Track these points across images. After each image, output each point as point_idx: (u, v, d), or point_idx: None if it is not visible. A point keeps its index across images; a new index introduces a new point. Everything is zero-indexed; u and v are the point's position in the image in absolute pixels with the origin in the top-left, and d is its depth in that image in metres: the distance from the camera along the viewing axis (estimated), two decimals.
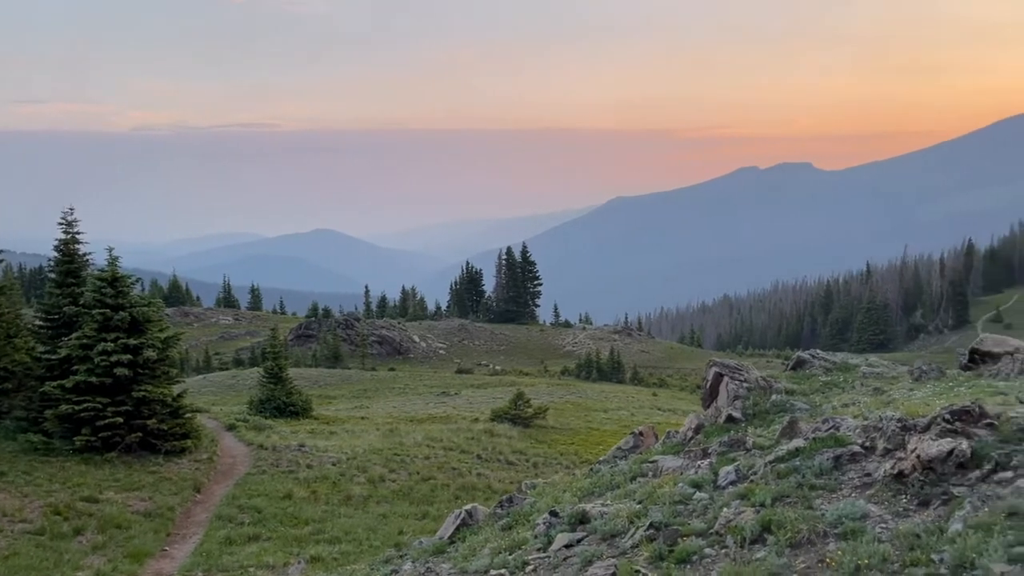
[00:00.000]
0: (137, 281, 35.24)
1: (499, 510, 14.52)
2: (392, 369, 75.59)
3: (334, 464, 28.34)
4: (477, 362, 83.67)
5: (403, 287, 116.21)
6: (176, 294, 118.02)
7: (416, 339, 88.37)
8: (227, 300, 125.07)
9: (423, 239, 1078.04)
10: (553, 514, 12.08)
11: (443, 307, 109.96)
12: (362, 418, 44.03)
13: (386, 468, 28.52)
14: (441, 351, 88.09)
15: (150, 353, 27.06)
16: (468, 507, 14.68)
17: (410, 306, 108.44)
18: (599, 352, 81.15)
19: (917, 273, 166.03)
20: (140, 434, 26.20)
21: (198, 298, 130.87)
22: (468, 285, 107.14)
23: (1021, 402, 11.68)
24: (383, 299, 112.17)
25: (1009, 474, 9.23)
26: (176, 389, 29.08)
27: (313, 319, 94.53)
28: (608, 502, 12.25)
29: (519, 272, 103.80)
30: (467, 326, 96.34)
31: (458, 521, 14.08)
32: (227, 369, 75.66)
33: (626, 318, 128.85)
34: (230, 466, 27.65)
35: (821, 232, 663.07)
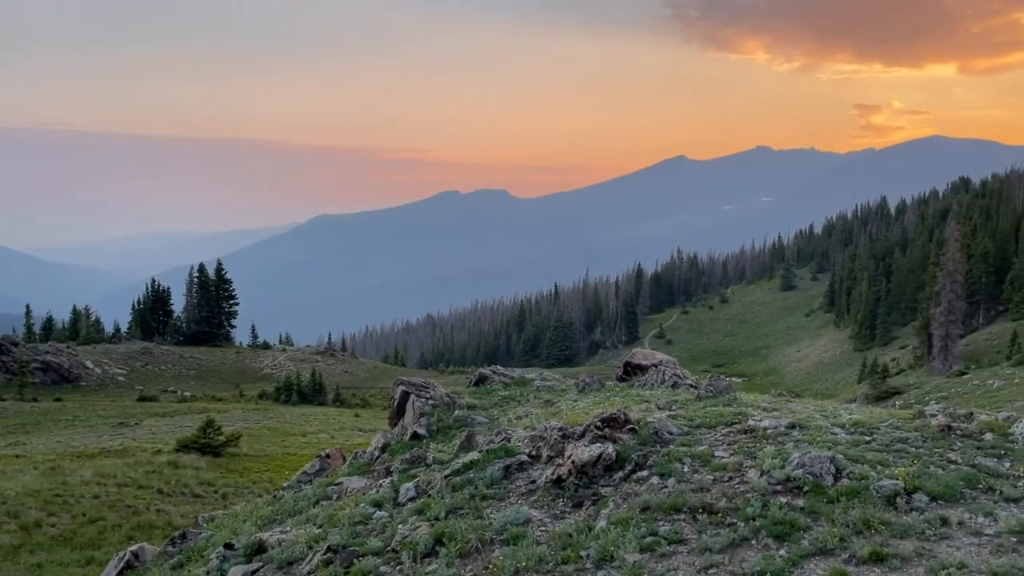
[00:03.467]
0: None
1: (171, 547, 13.48)
2: (59, 399, 67.08)
3: None
4: (163, 388, 77.14)
5: (75, 306, 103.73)
6: None
7: (90, 364, 79.37)
8: None
9: (102, 252, 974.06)
10: (228, 546, 11.49)
11: (123, 329, 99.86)
12: (17, 456, 38.48)
13: (44, 511, 25.17)
14: (120, 377, 79.98)
15: None
16: (134, 547, 13.46)
17: (83, 328, 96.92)
18: (300, 374, 78.94)
19: (597, 294, 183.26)
20: None
21: None
22: (154, 304, 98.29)
23: (660, 408, 13.35)
24: (49, 320, 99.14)
25: (645, 473, 10.50)
26: None
27: None
28: (288, 529, 11.92)
29: (213, 291, 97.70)
30: (152, 349, 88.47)
31: (121, 564, 12.86)
32: None
33: (329, 338, 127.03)
34: None
35: (516, 254, 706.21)
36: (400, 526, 10.43)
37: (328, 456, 15.94)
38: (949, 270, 79.01)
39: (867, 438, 10.82)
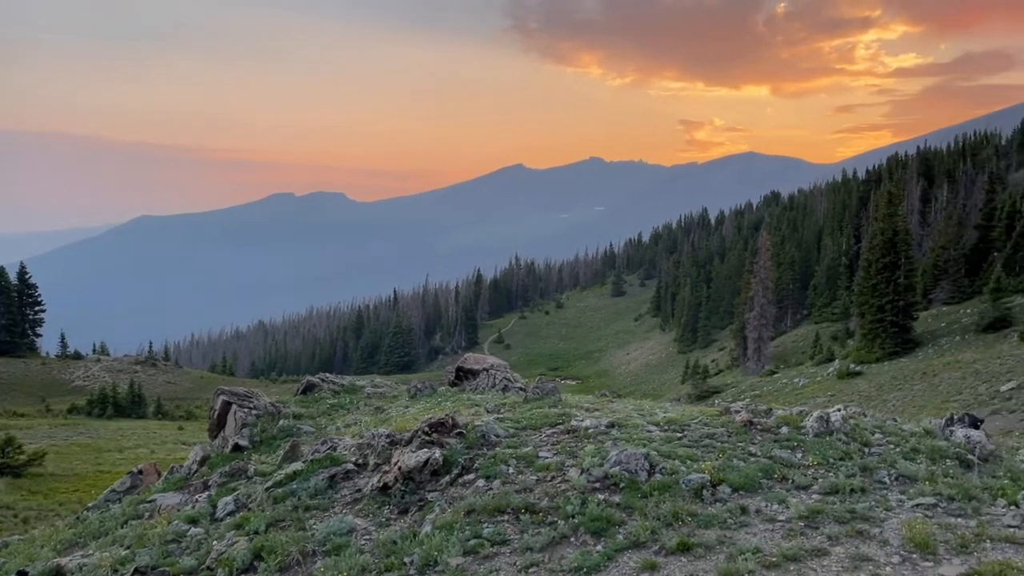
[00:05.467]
0: None
1: None
2: None
3: None
4: None
5: None
6: None
7: None
8: None
9: None
10: (21, 574, 10.50)
11: None
12: None
13: None
14: None
15: None
16: None
17: None
18: (117, 386, 73.69)
19: (437, 300, 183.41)
20: None
21: None
22: None
23: (488, 411, 13.52)
24: None
25: (472, 476, 10.59)
26: None
27: None
28: (92, 552, 11.06)
29: (16, 297, 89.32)
30: None
31: None
32: None
33: (150, 347, 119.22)
34: None
35: (354, 259, 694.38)
36: (216, 542, 9.94)
37: (141, 472, 14.93)
38: (761, 277, 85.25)
39: (679, 435, 11.46)
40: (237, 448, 13.85)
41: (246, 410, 14.71)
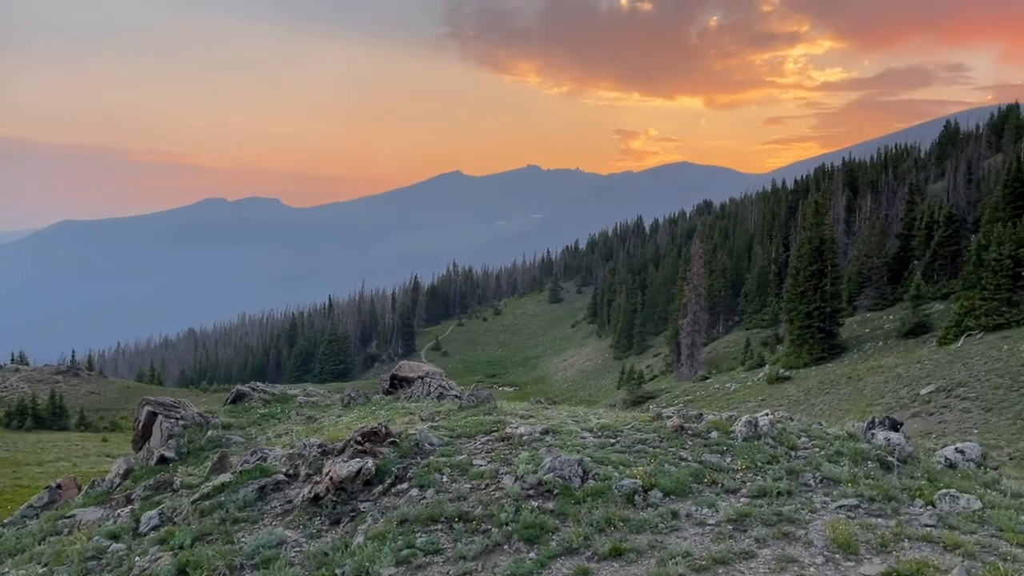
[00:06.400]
0: None
1: None
2: None
3: None
4: None
5: None
6: None
7: None
8: None
9: None
10: None
11: None
12: None
13: None
14: None
15: None
16: None
17: None
18: (36, 396, 70.85)
19: (373, 307, 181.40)
20: None
21: None
22: None
23: (423, 420, 13.43)
24: None
25: (405, 485, 10.48)
26: None
27: None
28: (7, 570, 10.59)
29: None
30: None
31: None
32: None
33: (73, 356, 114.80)
34: None
35: (289, 265, 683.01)
36: (139, 558, 9.62)
37: (60, 487, 14.35)
38: (694, 284, 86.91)
39: (612, 440, 11.56)
40: (163, 460, 13.43)
41: (172, 421, 14.29)
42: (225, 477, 11.28)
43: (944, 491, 9.59)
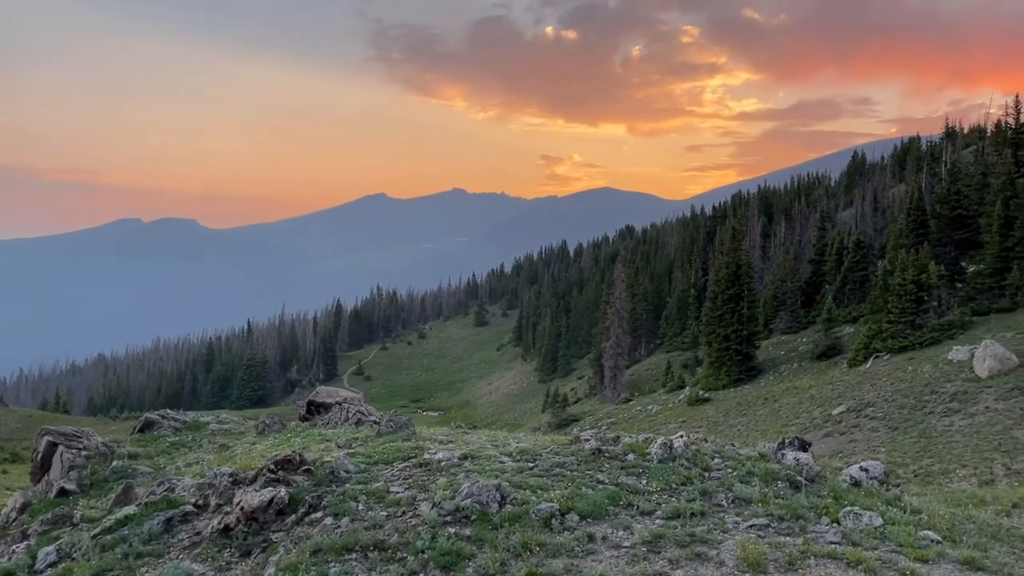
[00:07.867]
0: None
1: None
2: None
3: None
4: None
5: None
6: None
7: None
8: None
9: None
10: None
11: None
12: None
13: None
14: None
15: None
16: None
17: None
18: None
19: (294, 331, 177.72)
20: None
21: None
22: None
23: (339, 447, 13.17)
24: None
25: (319, 514, 10.23)
26: None
27: None
28: None
29: None
30: None
31: None
32: None
33: None
34: None
35: (205, 288, 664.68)
36: None
37: None
38: (617, 308, 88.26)
39: (531, 464, 11.57)
40: (63, 493, 12.80)
41: (74, 451, 13.64)
42: (129, 509, 10.81)
43: (848, 509, 9.92)
